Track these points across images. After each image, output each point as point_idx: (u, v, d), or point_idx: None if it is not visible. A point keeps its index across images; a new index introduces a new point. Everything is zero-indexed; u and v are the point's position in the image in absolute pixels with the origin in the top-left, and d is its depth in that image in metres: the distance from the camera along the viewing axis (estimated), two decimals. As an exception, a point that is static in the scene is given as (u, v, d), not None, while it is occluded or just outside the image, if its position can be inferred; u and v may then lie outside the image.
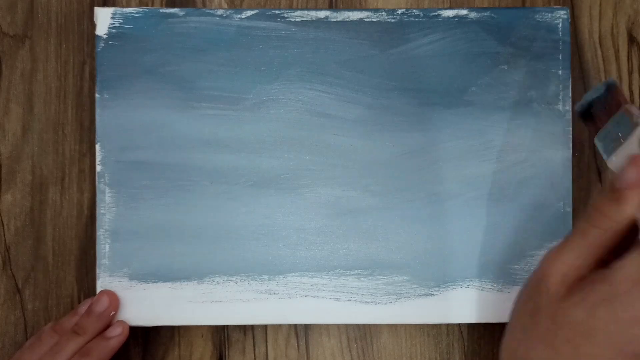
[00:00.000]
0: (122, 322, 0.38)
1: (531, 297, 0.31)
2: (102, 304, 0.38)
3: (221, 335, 0.40)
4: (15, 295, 0.40)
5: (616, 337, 0.28)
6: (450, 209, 0.39)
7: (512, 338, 0.32)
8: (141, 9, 0.39)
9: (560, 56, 0.39)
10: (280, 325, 0.40)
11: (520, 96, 0.39)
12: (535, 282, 0.31)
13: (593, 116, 0.33)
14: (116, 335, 0.38)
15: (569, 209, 0.39)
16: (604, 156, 0.32)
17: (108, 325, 0.38)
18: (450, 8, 0.40)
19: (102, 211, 0.39)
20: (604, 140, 0.32)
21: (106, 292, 0.38)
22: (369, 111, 0.39)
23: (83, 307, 0.38)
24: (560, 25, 0.39)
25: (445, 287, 0.39)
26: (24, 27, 0.40)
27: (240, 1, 0.41)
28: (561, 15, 0.39)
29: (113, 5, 0.40)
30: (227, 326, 0.40)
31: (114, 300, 0.38)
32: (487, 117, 0.39)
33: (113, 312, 0.38)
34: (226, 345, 0.40)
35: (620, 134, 0.31)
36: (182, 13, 0.39)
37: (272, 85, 0.39)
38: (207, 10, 0.39)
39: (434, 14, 0.39)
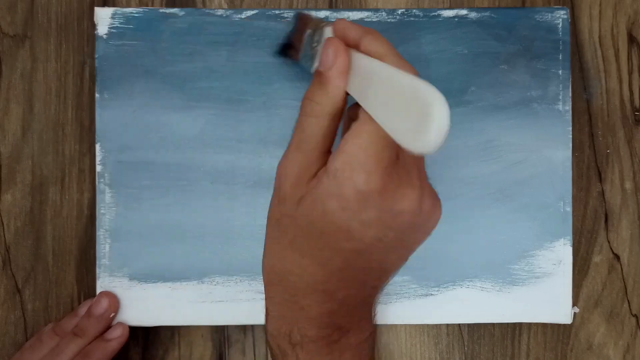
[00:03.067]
0: (122, 324, 0.38)
1: (276, 208, 0.30)
2: (102, 306, 0.38)
3: (221, 335, 0.40)
4: (15, 295, 0.40)
5: (350, 226, 0.28)
6: (450, 209, 0.39)
7: (268, 255, 0.31)
8: (141, 9, 0.39)
9: (560, 56, 0.39)
10: (280, 325, 0.40)
11: (520, 96, 0.39)
12: (276, 192, 0.30)
13: (293, 47, 0.34)
14: (116, 337, 0.38)
15: (569, 209, 0.39)
16: (310, 69, 0.32)
17: (108, 327, 0.38)
18: (450, 8, 0.40)
19: (102, 211, 0.39)
20: (305, 58, 0.33)
21: (105, 294, 0.38)
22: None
23: (83, 309, 0.38)
24: (560, 25, 0.39)
25: (445, 287, 0.39)
26: (24, 27, 0.40)
27: (240, 1, 0.41)
28: (561, 15, 0.39)
29: (113, 5, 0.40)
30: (227, 326, 0.40)
31: (114, 302, 0.38)
32: (487, 117, 0.39)
33: (113, 314, 0.38)
34: (226, 345, 0.40)
35: (315, 45, 0.32)
36: (182, 13, 0.39)
37: (272, 85, 0.39)
38: (207, 10, 0.39)
39: (434, 14, 0.39)
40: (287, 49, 0.36)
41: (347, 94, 0.29)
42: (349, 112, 0.31)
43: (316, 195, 0.28)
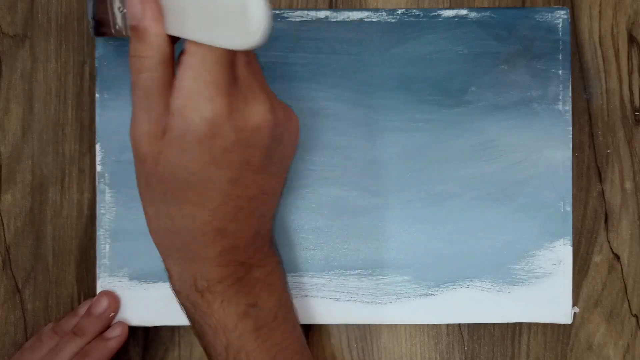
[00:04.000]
0: (122, 323, 0.38)
1: (140, 171, 0.30)
2: (102, 305, 0.38)
3: (221, 335, 0.40)
4: (15, 295, 0.40)
5: (213, 157, 0.28)
6: (450, 209, 0.39)
7: (149, 218, 0.32)
8: (141, 9, 0.39)
9: (560, 56, 0.39)
10: (280, 325, 0.40)
11: (520, 96, 0.39)
12: (135, 156, 0.30)
13: (104, 24, 0.34)
14: (115, 336, 0.38)
15: (569, 209, 0.39)
16: (125, 33, 0.32)
17: (108, 326, 0.38)
18: (450, 8, 0.40)
19: (102, 211, 0.39)
20: (116, 30, 0.33)
21: (106, 293, 0.38)
22: (369, 111, 0.39)
23: (83, 308, 0.38)
24: (560, 25, 0.39)
25: (445, 287, 0.39)
26: (24, 27, 0.40)
27: (240, 1, 0.40)
28: (561, 15, 0.39)
29: (113, 5, 0.40)
30: (227, 326, 0.40)
31: (114, 301, 0.38)
32: (487, 117, 0.39)
33: (113, 313, 0.38)
34: (226, 345, 0.40)
35: (122, 9, 0.32)
36: (182, 13, 0.39)
37: (272, 85, 0.39)
38: (207, 10, 0.39)
39: (434, 14, 0.39)
40: (99, 28, 0.35)
41: (170, 36, 0.29)
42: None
43: (171, 141, 0.28)
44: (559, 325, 0.40)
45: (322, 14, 0.39)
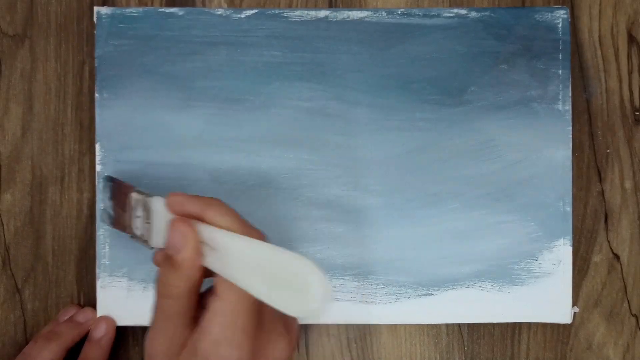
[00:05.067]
0: (105, 318, 0.38)
1: None
2: (100, 331, 0.38)
3: (221, 335, 0.40)
4: (15, 295, 0.40)
5: None
6: (450, 208, 0.39)
7: None
8: (141, 9, 0.39)
9: (560, 56, 0.39)
10: (280, 325, 0.40)
11: (520, 95, 0.39)
12: None
13: (118, 220, 0.33)
14: (102, 335, 0.38)
15: (569, 209, 0.39)
16: (148, 246, 0.31)
17: (85, 331, 0.38)
18: (450, 8, 0.40)
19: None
20: (135, 235, 0.32)
21: (105, 319, 0.38)
22: (369, 111, 0.39)
23: (63, 316, 0.39)
24: (560, 24, 0.39)
25: (445, 287, 0.39)
26: (24, 27, 0.40)
27: (240, 1, 0.41)
28: (561, 14, 0.39)
29: (113, 5, 0.40)
30: (227, 326, 0.40)
31: (111, 328, 0.38)
32: (487, 116, 0.39)
33: (106, 337, 0.38)
34: (226, 345, 0.40)
35: (142, 219, 0.31)
36: (181, 13, 0.39)
37: (272, 85, 0.39)
38: (207, 10, 0.39)
39: (434, 13, 0.39)
40: (111, 220, 0.35)
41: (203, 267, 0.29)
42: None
43: None
44: (558, 325, 0.40)
45: (322, 13, 0.39)
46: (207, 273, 0.29)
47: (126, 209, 0.33)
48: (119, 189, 0.34)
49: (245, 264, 0.27)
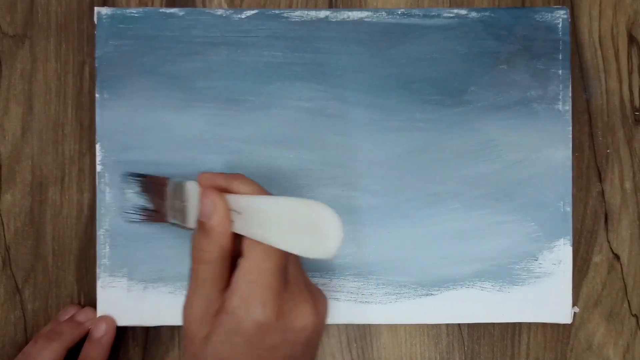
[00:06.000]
0: (105, 318, 0.38)
1: (188, 348, 0.32)
2: (100, 330, 0.38)
3: (221, 335, 0.40)
4: (15, 295, 0.40)
5: (259, 354, 0.29)
6: (450, 208, 0.39)
7: None
8: (141, 9, 0.39)
9: (560, 56, 0.39)
10: (280, 325, 0.40)
11: (520, 96, 0.39)
12: (184, 333, 0.32)
13: (156, 211, 0.36)
14: (103, 334, 0.38)
15: (569, 209, 0.39)
16: (186, 224, 0.34)
17: (85, 331, 0.38)
18: (450, 8, 0.40)
19: (102, 211, 0.39)
20: (175, 218, 0.34)
21: (104, 319, 0.38)
22: (369, 111, 0.39)
23: (64, 315, 0.39)
24: (560, 25, 0.39)
25: (445, 287, 0.39)
26: (24, 27, 0.40)
27: (240, 1, 0.41)
28: (561, 15, 0.39)
29: (113, 5, 0.40)
30: (227, 326, 0.40)
31: (111, 328, 0.38)
32: (487, 116, 0.39)
33: (106, 336, 0.38)
34: (226, 345, 0.40)
35: (180, 202, 0.34)
36: (182, 13, 0.39)
37: (272, 85, 0.39)
38: (207, 10, 0.39)
39: (434, 13, 0.39)
40: (148, 214, 0.36)
41: (234, 233, 0.31)
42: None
43: (221, 333, 0.30)
44: (558, 325, 0.40)
45: (322, 13, 0.39)
46: (238, 246, 0.31)
47: (165, 197, 0.35)
48: (154, 181, 0.36)
49: (266, 218, 0.29)
